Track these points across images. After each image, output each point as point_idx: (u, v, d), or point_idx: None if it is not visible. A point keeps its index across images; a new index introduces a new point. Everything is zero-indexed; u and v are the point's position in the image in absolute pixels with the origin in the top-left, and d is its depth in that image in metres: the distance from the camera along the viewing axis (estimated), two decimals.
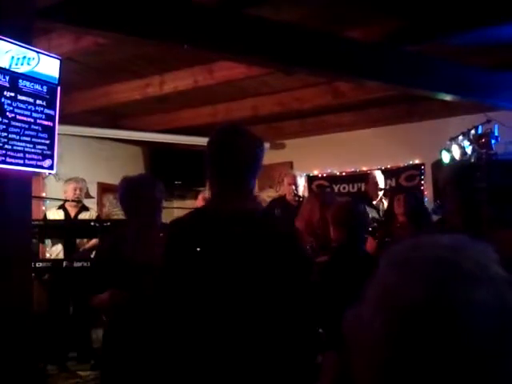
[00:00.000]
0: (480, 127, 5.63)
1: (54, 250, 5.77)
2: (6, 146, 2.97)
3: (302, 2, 4.02)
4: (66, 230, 5.57)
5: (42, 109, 3.19)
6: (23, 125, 3.07)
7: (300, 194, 5.40)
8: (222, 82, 5.46)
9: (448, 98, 5.21)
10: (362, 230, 3.35)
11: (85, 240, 5.73)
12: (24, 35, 3.12)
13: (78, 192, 5.83)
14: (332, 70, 4.53)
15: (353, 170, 7.68)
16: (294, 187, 5.36)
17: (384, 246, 4.09)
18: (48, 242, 5.86)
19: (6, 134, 2.97)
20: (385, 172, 6.13)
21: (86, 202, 6.17)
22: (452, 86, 4.92)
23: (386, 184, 5.82)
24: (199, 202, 5.67)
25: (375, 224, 4.93)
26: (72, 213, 5.85)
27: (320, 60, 4.35)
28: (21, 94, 3.07)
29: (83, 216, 5.84)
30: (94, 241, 5.45)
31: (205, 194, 5.84)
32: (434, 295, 0.64)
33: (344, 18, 4.30)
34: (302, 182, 5.64)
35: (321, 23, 4.28)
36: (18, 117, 3.05)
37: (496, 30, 4.33)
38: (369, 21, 4.38)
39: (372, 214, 5.27)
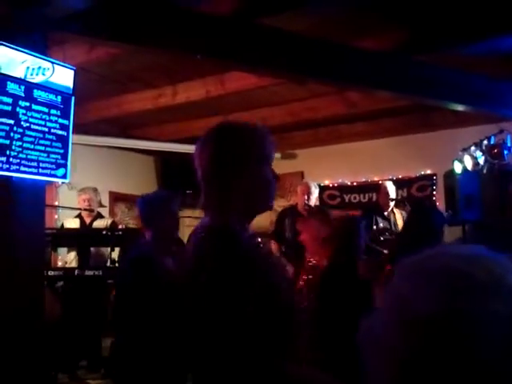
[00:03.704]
0: (492, 137, 5.61)
1: (68, 258, 5.80)
2: (21, 155, 3.00)
3: (314, 13, 4.04)
4: (79, 239, 5.59)
5: (56, 118, 3.22)
6: (38, 134, 3.11)
7: (312, 204, 5.37)
8: (233, 93, 5.49)
9: (460, 108, 5.20)
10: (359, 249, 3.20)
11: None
12: (39, 46, 3.17)
13: (86, 203, 5.86)
14: (344, 79, 4.54)
15: (364, 180, 7.66)
16: (306, 197, 5.33)
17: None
18: (62, 249, 5.89)
19: (20, 144, 3.01)
20: (396, 182, 6.11)
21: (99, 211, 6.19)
22: (464, 95, 4.90)
23: (397, 194, 5.80)
24: None
25: (387, 234, 4.91)
26: (87, 221, 5.89)
27: (332, 70, 4.36)
28: (35, 104, 3.11)
29: (98, 223, 5.86)
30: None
31: None
32: (446, 307, 0.64)
33: (355, 29, 4.31)
34: (315, 193, 5.58)
35: (332, 33, 4.29)
36: (32, 126, 3.08)
37: (508, 40, 4.32)
38: (380, 31, 4.39)
39: (383, 224, 5.26)
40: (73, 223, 5.87)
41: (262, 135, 1.69)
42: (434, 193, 7.21)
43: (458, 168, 5.90)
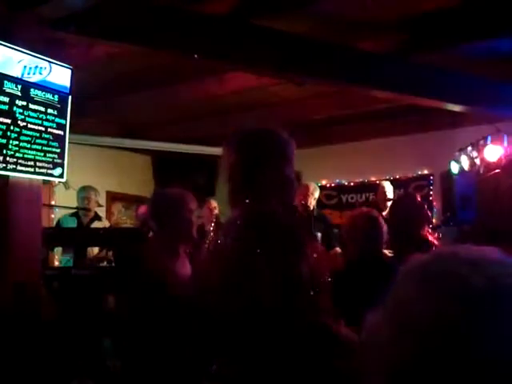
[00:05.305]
0: (489, 138, 5.62)
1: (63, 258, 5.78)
2: (17, 155, 3.00)
3: (313, 14, 4.04)
4: (75, 238, 5.58)
5: (53, 118, 3.22)
6: (34, 133, 3.11)
7: (310, 204, 5.36)
8: (232, 93, 5.49)
9: (457, 108, 5.20)
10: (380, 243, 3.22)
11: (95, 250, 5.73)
12: (36, 45, 3.17)
13: (85, 201, 5.85)
14: (342, 80, 4.54)
15: (361, 180, 7.67)
16: (302, 197, 5.32)
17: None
18: (58, 249, 5.88)
19: (17, 143, 3.01)
20: (393, 182, 6.12)
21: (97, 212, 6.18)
22: (461, 96, 4.91)
23: (394, 194, 5.80)
24: (206, 211, 5.67)
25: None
26: (84, 221, 5.87)
27: (330, 71, 4.37)
28: (32, 103, 3.11)
29: (95, 226, 5.85)
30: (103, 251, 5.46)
31: (212, 202, 5.84)
32: (442, 313, 0.63)
33: (355, 30, 4.31)
34: (316, 194, 5.55)
35: (332, 34, 4.30)
36: (29, 125, 3.08)
37: (506, 42, 4.33)
38: (379, 32, 4.39)
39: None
40: (69, 221, 5.85)
41: (282, 138, 1.93)
42: (431, 193, 7.23)
43: (454, 168, 5.92)
